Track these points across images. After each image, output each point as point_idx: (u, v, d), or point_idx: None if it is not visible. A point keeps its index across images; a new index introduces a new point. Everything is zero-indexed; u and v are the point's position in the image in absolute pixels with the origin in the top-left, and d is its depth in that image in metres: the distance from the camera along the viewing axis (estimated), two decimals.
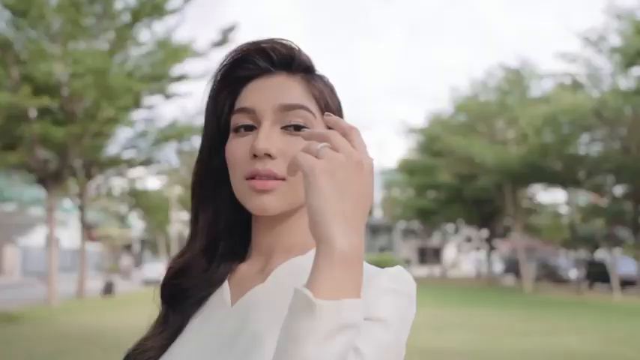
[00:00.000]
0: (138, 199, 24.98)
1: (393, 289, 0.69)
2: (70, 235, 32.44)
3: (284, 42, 0.79)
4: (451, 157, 26.50)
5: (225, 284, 0.81)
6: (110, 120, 15.74)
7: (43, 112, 15.08)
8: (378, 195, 48.94)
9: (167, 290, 0.82)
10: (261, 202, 0.74)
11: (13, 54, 14.30)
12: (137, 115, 18.50)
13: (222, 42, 16.78)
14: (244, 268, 0.82)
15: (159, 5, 15.60)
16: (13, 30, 14.67)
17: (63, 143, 14.95)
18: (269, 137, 0.73)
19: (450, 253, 46.59)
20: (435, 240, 43.77)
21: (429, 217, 34.38)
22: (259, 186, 0.73)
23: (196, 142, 21.78)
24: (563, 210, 28.89)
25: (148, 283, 27.44)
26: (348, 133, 0.62)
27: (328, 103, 0.80)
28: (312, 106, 0.77)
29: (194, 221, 0.84)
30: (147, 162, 20.11)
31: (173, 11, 16.06)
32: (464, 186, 28.79)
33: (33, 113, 14.90)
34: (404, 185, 37.22)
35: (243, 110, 0.77)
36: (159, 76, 16.82)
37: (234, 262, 0.83)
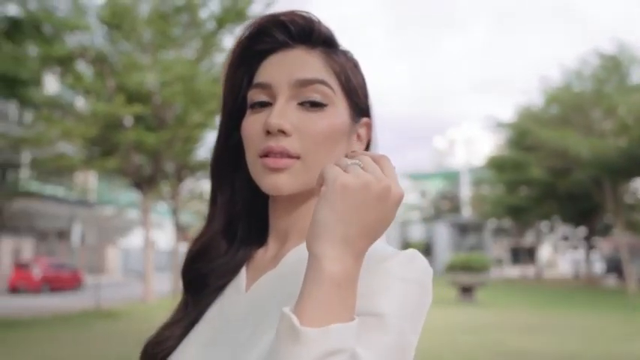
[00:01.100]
0: None
1: (401, 278, 0.62)
2: (165, 237, 34.05)
3: (303, 14, 0.76)
4: (543, 151, 25.28)
5: (242, 270, 0.79)
6: (199, 125, 16.35)
7: (137, 120, 15.93)
8: (467, 192, 47.68)
9: (187, 275, 0.81)
10: (274, 181, 0.71)
11: (108, 66, 15.20)
12: None
13: None
14: (261, 253, 0.80)
15: (242, 11, 16.03)
16: (109, 43, 15.61)
17: (155, 149, 15.70)
18: (283, 113, 0.70)
19: (545, 252, 44.53)
20: (528, 239, 42.00)
21: (521, 214, 33.04)
22: (272, 164, 0.70)
23: None
24: None
25: None
26: (378, 160, 0.59)
27: (349, 79, 0.76)
28: (332, 81, 0.73)
29: (212, 202, 0.82)
30: None
31: (256, 16, 16.45)
32: (558, 181, 27.40)
33: (128, 121, 15.77)
34: (493, 182, 36.02)
35: (258, 85, 0.74)
36: None
37: (253, 248, 0.81)
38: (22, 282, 20.55)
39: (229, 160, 0.81)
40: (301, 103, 0.72)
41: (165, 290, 18.97)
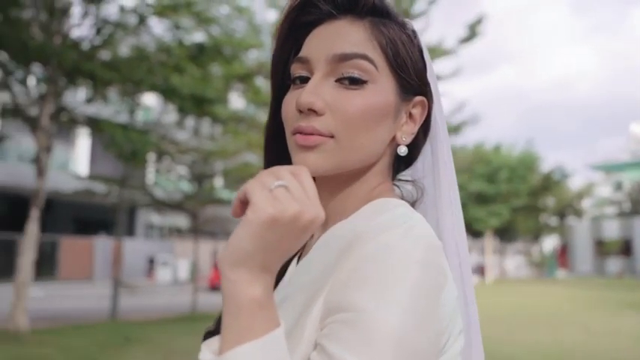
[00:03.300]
0: None
1: (391, 259, 0.55)
2: None
3: None
4: None
5: (294, 260, 0.77)
6: None
7: None
8: None
9: None
10: (302, 160, 0.66)
11: None
12: None
13: (470, 37, 16.51)
14: (314, 236, 0.75)
15: (406, 11, 16.03)
16: None
17: None
18: (316, 90, 0.66)
19: None
20: None
21: None
22: (301, 141, 0.66)
23: (453, 141, 21.94)
24: None
25: None
26: (298, 176, 0.54)
27: (398, 53, 0.69)
28: (376, 55, 0.67)
29: None
30: None
31: (419, 15, 16.33)
32: None
33: None
34: None
35: (298, 60, 0.70)
36: None
37: None
38: (219, 281, 22.69)
39: (280, 137, 0.75)
40: (339, 80, 0.66)
41: None
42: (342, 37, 0.67)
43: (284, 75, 0.74)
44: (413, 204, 0.74)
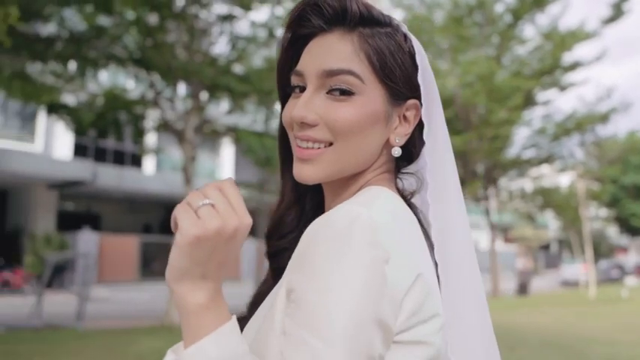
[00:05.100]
0: (546, 197, 24.22)
1: (309, 243, 0.61)
2: (485, 237, 33.87)
3: None
4: None
5: None
6: (504, 122, 15.96)
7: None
8: None
9: (267, 252, 0.84)
10: (299, 171, 0.73)
11: None
12: (533, 113, 18.31)
13: (616, 16, 15.17)
14: None
15: None
16: None
17: (462, 150, 15.86)
18: (308, 104, 0.71)
19: None
20: None
21: None
22: (299, 154, 0.72)
23: (600, 130, 20.18)
24: None
25: (565, 284, 26.58)
26: (223, 189, 0.59)
27: (386, 63, 0.71)
28: (363, 67, 0.71)
29: (282, 177, 0.84)
30: (549, 159, 19.57)
31: None
32: None
33: None
34: None
35: (295, 73, 0.75)
36: (549, 69, 16.29)
37: None
38: None
39: (289, 138, 0.78)
40: (329, 92, 0.71)
41: (486, 291, 18.87)
42: (329, 52, 0.71)
43: (287, 82, 0.79)
44: (412, 194, 0.78)
